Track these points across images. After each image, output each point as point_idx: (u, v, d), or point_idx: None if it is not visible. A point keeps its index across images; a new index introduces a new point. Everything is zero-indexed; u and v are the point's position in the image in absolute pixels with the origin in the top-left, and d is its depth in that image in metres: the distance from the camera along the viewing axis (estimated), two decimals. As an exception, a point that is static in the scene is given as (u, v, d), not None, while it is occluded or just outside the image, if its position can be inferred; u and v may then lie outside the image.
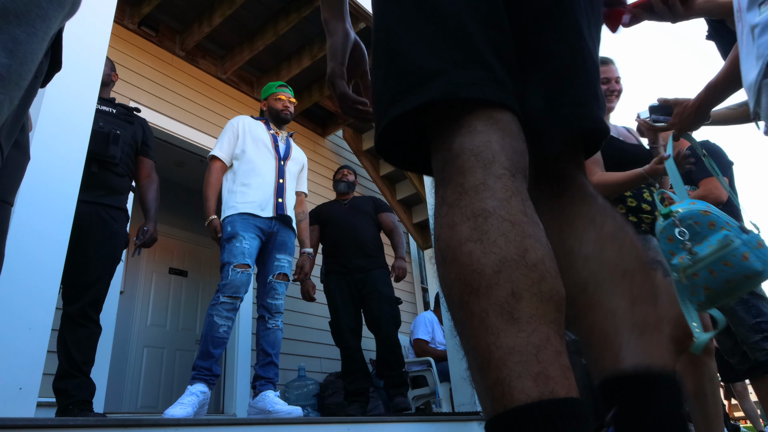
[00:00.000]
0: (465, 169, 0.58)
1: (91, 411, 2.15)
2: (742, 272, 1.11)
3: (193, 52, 4.16)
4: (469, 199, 0.56)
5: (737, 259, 1.11)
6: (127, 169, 2.52)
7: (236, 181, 2.74)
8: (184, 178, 4.85)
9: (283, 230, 2.77)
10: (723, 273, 1.12)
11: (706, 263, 1.13)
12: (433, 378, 4.01)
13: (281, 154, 2.90)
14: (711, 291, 1.15)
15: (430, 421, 2.67)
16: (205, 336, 2.40)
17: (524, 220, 0.55)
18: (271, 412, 2.33)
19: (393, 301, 3.42)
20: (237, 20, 3.96)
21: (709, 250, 1.13)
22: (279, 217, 2.74)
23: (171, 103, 3.93)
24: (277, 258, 2.71)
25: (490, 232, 0.53)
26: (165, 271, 4.85)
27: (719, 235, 1.13)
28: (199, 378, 2.33)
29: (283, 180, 2.83)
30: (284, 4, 3.89)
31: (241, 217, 2.62)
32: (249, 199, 2.68)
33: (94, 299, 2.27)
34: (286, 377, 4.07)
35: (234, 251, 2.53)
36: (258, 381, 2.50)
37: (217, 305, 2.43)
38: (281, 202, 2.76)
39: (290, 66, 4.34)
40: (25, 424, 1.33)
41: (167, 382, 4.50)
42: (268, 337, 2.58)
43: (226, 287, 2.46)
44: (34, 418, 1.56)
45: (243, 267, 2.51)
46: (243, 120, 2.93)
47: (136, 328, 4.43)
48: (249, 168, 2.76)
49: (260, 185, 2.73)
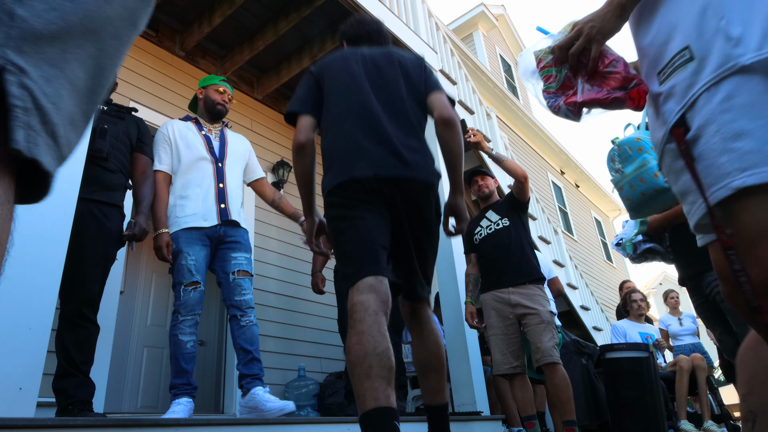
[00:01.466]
0: (356, 311, 1.42)
1: (91, 411, 2.15)
2: (653, 187, 1.38)
3: (193, 52, 4.16)
4: (356, 325, 1.39)
5: (650, 176, 1.38)
6: (119, 164, 2.48)
7: (175, 194, 2.66)
8: (184, 178, 4.83)
9: (231, 231, 2.68)
10: (639, 187, 1.40)
11: (628, 179, 1.41)
12: (433, 378, 4.00)
13: (217, 155, 2.77)
14: (631, 202, 1.44)
15: (430, 421, 2.67)
16: (174, 355, 2.43)
17: (377, 334, 1.36)
18: (264, 409, 2.32)
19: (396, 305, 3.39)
20: (237, 20, 3.96)
21: (631, 168, 1.41)
22: (224, 223, 2.66)
23: (171, 103, 3.93)
24: (233, 257, 2.64)
25: (362, 339, 1.36)
26: (165, 271, 4.84)
27: (641, 157, 1.39)
28: (180, 394, 2.36)
29: (223, 184, 2.71)
30: (284, 4, 3.89)
31: (184, 232, 2.56)
32: (189, 212, 2.60)
33: (89, 298, 2.27)
34: (286, 377, 4.07)
35: (181, 270, 2.50)
36: (244, 380, 2.48)
37: (178, 324, 2.45)
38: (224, 208, 2.67)
39: (290, 66, 4.34)
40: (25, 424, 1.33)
41: (167, 382, 4.48)
42: (245, 334, 2.54)
43: (182, 307, 2.47)
44: (34, 418, 1.56)
45: (193, 285, 2.50)
46: (172, 125, 2.78)
47: (136, 328, 4.43)
48: (186, 179, 2.66)
49: (199, 195, 2.64)
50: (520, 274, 3.16)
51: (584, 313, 6.76)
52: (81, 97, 0.40)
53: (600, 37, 1.05)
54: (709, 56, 0.87)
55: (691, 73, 0.89)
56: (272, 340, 4.01)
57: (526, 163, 10.16)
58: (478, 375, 3.30)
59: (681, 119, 0.91)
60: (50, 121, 0.36)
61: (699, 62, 0.88)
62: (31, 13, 0.35)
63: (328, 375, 4.09)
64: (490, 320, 3.19)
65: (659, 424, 3.27)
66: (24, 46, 0.34)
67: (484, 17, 11.14)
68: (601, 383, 4.03)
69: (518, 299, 3.10)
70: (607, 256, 12.80)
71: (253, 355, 2.53)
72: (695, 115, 0.88)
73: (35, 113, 0.35)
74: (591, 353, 4.46)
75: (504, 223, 3.30)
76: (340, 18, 4.04)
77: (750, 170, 0.79)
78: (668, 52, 0.95)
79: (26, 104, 0.34)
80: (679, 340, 5.18)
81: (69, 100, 0.39)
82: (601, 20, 1.05)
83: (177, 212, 2.61)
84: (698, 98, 0.88)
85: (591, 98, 1.08)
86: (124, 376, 4.19)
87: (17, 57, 0.34)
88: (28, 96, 0.34)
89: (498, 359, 3.12)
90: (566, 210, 11.31)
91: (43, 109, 0.36)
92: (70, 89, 0.39)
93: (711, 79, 0.86)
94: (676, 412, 4.23)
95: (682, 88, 0.91)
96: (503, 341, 3.12)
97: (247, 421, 2.00)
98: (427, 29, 4.78)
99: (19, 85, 0.34)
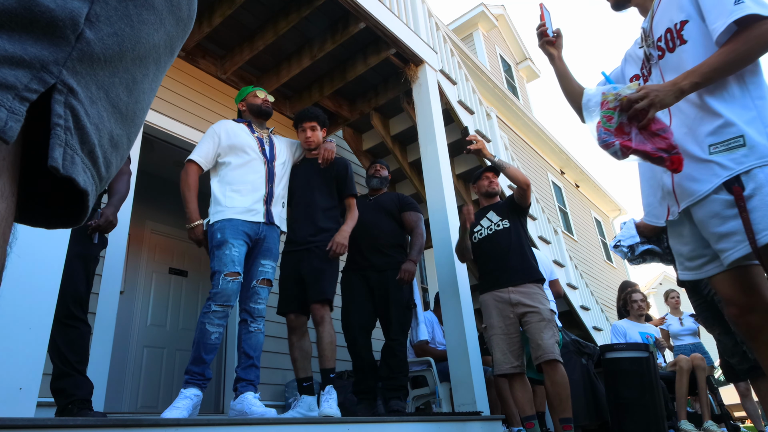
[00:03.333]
0: None
1: (90, 409, 2.15)
2: None
3: (193, 52, 4.16)
4: None
5: None
6: None
7: (225, 187, 2.72)
8: (184, 178, 4.84)
9: (270, 236, 2.76)
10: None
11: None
12: (433, 378, 4.01)
13: (268, 157, 2.88)
14: None
15: (430, 421, 2.67)
16: (198, 342, 2.43)
17: None
18: (248, 413, 2.37)
19: (402, 306, 3.35)
20: (237, 20, 3.96)
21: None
22: (267, 223, 2.75)
23: (171, 103, 3.93)
24: (261, 263, 2.71)
25: None
26: (165, 271, 4.85)
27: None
28: (192, 382, 2.36)
29: (272, 185, 2.82)
30: (284, 4, 3.89)
31: (230, 223, 2.61)
32: (238, 204, 2.67)
33: (76, 298, 2.26)
34: (286, 377, 4.07)
35: (224, 259, 2.53)
36: (239, 383, 2.52)
37: (209, 313, 2.45)
38: (269, 209, 2.77)
39: (290, 66, 4.34)
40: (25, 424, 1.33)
41: (167, 382, 4.50)
42: (251, 340, 2.60)
43: (218, 296, 2.47)
44: (34, 418, 1.56)
45: (233, 275, 2.51)
46: (226, 124, 2.88)
47: (136, 328, 4.43)
48: (238, 174, 2.74)
49: (250, 191, 2.73)
50: (519, 275, 3.17)
51: (584, 313, 6.76)
52: (123, 119, 0.42)
53: (659, 105, 1.35)
54: (757, 146, 1.30)
55: (742, 155, 1.30)
56: (272, 340, 4.01)
57: (526, 163, 10.16)
58: (478, 375, 3.30)
59: (735, 178, 1.30)
60: (90, 141, 0.38)
61: (749, 148, 1.30)
62: (96, 36, 0.37)
63: (328, 375, 4.09)
64: (491, 320, 3.19)
65: (659, 424, 3.27)
66: (79, 66, 0.36)
67: (484, 17, 11.14)
68: (601, 383, 4.03)
69: (518, 298, 3.11)
70: (607, 256, 12.80)
71: (253, 361, 2.58)
72: (749, 180, 1.29)
73: (75, 133, 0.36)
74: (591, 353, 4.45)
75: (504, 224, 3.30)
76: (340, 18, 4.04)
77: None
78: (725, 133, 1.34)
79: (68, 123, 0.36)
80: (679, 340, 5.18)
81: (111, 122, 0.40)
82: (664, 94, 1.35)
83: (227, 202, 2.67)
84: (754, 170, 1.28)
85: (641, 149, 1.36)
86: (124, 376, 4.19)
87: (70, 77, 0.35)
88: (71, 115, 0.36)
89: (499, 359, 3.12)
90: (566, 210, 11.31)
91: (84, 129, 0.37)
92: (113, 111, 0.40)
93: (759, 162, 1.28)
94: (676, 412, 4.23)
95: (732, 158, 1.32)
96: (504, 341, 3.12)
97: (247, 421, 2.00)
98: (427, 29, 4.78)
99: (65, 105, 0.35)
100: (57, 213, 0.41)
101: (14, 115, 0.32)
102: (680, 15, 1.47)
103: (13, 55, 0.32)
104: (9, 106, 0.32)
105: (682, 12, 1.47)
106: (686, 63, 1.43)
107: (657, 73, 1.56)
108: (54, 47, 0.34)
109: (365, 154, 5.55)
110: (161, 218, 4.94)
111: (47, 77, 0.34)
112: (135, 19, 0.40)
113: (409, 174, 5.34)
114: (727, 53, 1.33)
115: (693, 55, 1.42)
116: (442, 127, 4.18)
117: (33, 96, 0.33)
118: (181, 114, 3.97)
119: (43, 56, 0.34)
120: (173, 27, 0.45)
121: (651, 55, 1.59)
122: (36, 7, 0.33)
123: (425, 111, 4.16)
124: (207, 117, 4.14)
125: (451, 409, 3.71)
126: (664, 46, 1.52)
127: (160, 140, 3.91)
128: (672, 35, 1.49)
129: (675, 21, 1.48)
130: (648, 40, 1.59)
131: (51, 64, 0.34)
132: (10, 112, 0.32)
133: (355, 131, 5.52)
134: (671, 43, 1.50)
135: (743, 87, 1.37)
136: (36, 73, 0.33)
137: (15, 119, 0.32)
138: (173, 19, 0.45)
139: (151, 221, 4.85)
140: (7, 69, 0.32)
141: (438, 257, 3.69)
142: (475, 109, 5.58)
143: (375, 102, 4.81)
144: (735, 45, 1.32)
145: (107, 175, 0.42)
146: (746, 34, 1.31)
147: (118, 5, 0.38)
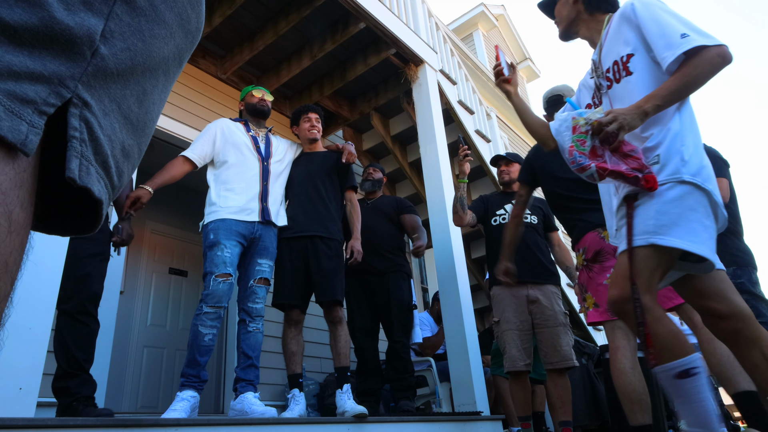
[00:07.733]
0: None
1: (95, 407, 2.15)
2: None
3: (193, 52, 4.16)
4: None
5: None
6: None
7: (220, 186, 2.72)
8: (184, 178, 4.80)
9: (266, 235, 2.74)
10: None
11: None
12: (433, 378, 4.01)
13: (263, 154, 2.88)
14: None
15: (430, 421, 2.67)
16: (192, 345, 2.43)
17: None
18: (248, 413, 2.37)
19: (404, 307, 3.33)
20: (237, 20, 3.96)
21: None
22: (263, 221, 2.73)
23: (171, 103, 3.93)
24: (258, 263, 2.70)
25: None
26: (165, 271, 4.85)
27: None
28: (188, 384, 2.36)
29: (267, 183, 2.81)
30: (284, 4, 3.89)
31: (223, 223, 2.60)
32: (232, 203, 2.66)
33: (93, 295, 2.27)
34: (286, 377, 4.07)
35: (216, 260, 2.52)
36: (239, 383, 2.53)
37: (201, 315, 2.45)
38: (265, 207, 2.75)
39: (290, 66, 4.34)
40: (25, 424, 1.33)
41: (167, 382, 4.49)
42: (249, 340, 2.60)
43: (209, 297, 2.47)
44: (34, 418, 1.56)
45: (224, 276, 2.51)
46: (222, 123, 2.89)
47: (136, 328, 4.43)
48: (232, 173, 2.74)
49: (244, 190, 2.72)
50: (538, 272, 3.11)
51: (584, 313, 6.76)
52: (134, 130, 0.43)
53: (628, 128, 1.46)
54: (668, 165, 1.46)
55: (656, 171, 1.46)
56: (272, 340, 4.00)
57: (526, 163, 10.14)
58: (478, 375, 3.30)
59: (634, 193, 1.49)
60: (103, 152, 0.39)
61: (661, 166, 1.46)
62: (111, 51, 0.38)
63: (328, 375, 4.09)
64: (506, 314, 3.10)
65: (659, 423, 3.27)
66: (93, 81, 0.37)
67: (484, 17, 11.14)
68: (601, 383, 4.03)
69: (537, 295, 3.06)
70: (607, 256, 12.78)
71: (253, 361, 2.58)
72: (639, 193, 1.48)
73: (90, 144, 0.38)
74: (591, 353, 4.45)
75: (533, 220, 3.26)
76: (340, 18, 4.03)
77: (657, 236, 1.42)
78: (652, 153, 1.50)
79: (83, 135, 0.37)
80: (679, 340, 5.17)
81: (123, 133, 0.42)
82: (631, 117, 1.46)
83: (221, 202, 2.67)
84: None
85: (616, 169, 1.45)
86: (124, 375, 4.18)
87: (85, 91, 0.37)
88: (85, 128, 0.37)
89: (514, 355, 3.03)
90: (566, 210, 11.29)
91: (97, 140, 0.38)
92: (124, 122, 0.41)
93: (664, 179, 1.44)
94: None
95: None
96: (519, 337, 3.05)
97: (247, 421, 2.00)
98: (427, 29, 4.78)
99: (80, 118, 0.37)
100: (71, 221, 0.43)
101: (34, 128, 0.33)
102: (626, 49, 1.61)
103: (33, 70, 0.33)
104: (29, 120, 0.33)
105: (627, 46, 1.60)
106: (632, 92, 1.56)
107: (606, 101, 1.69)
108: (71, 63, 0.35)
109: (365, 154, 5.55)
110: (161, 218, 4.94)
111: (64, 92, 0.35)
112: (147, 34, 0.41)
113: (409, 174, 5.34)
114: (681, 78, 1.46)
115: (638, 86, 1.56)
116: (442, 127, 4.18)
117: (51, 110, 0.34)
118: (181, 114, 3.97)
119: (60, 72, 0.35)
120: (182, 39, 0.46)
121: (601, 85, 1.72)
122: (56, 24, 0.34)
123: (425, 111, 4.16)
124: (207, 117, 4.13)
125: (451, 409, 3.71)
126: (612, 77, 1.66)
127: (160, 140, 3.90)
128: (618, 67, 1.63)
129: (621, 54, 1.62)
130: (598, 71, 1.73)
131: (68, 79, 0.35)
132: (30, 125, 0.33)
133: (355, 131, 5.52)
134: (617, 74, 1.63)
135: (675, 112, 1.51)
136: (54, 88, 0.34)
137: (34, 132, 0.33)
138: (182, 32, 0.46)
139: (151, 221, 4.85)
140: (28, 84, 0.33)
141: (438, 257, 3.69)
142: (475, 109, 5.58)
143: (375, 102, 4.81)
144: (687, 70, 1.45)
145: (119, 183, 0.43)
146: (694, 62, 1.45)
147: (131, 21, 0.40)
